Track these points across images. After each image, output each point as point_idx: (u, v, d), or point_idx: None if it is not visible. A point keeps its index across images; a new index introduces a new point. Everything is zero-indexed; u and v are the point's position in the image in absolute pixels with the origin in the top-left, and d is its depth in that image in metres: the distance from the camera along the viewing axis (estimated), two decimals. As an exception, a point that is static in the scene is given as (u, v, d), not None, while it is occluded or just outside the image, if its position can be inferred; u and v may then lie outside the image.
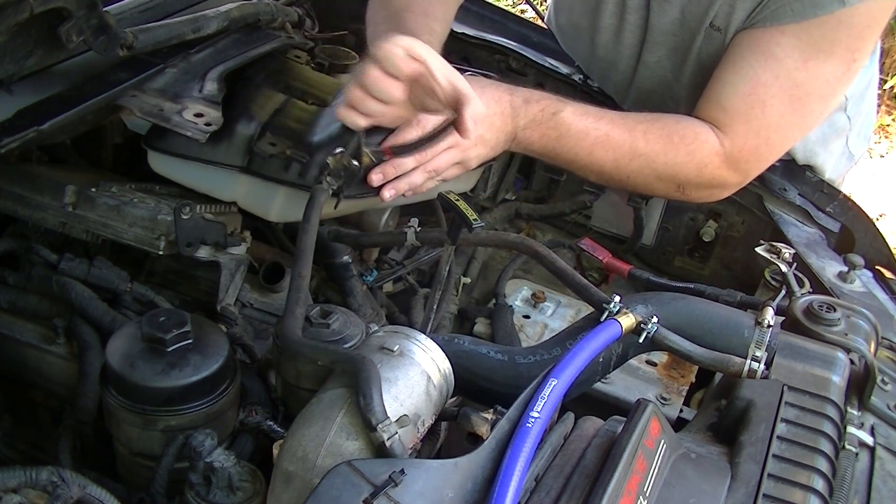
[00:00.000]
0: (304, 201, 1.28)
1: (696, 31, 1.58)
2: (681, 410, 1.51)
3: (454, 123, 1.24)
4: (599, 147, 1.46)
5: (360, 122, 1.27)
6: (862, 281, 1.54)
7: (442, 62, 1.23)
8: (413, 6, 1.52)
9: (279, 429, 1.14)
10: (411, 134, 1.36)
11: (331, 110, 1.37)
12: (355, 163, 1.30)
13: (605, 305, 1.14)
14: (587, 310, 1.26)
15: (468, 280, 1.73)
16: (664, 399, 1.52)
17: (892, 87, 4.84)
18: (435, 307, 1.45)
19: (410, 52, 1.21)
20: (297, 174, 1.35)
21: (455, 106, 1.22)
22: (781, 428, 1.02)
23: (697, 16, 1.56)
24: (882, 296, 1.51)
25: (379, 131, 1.36)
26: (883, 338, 1.31)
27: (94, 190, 1.35)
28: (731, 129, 1.49)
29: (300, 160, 1.34)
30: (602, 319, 1.12)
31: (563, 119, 1.45)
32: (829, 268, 1.57)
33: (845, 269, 1.54)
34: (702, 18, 1.56)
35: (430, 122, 1.34)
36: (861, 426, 1.10)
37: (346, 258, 1.51)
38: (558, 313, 1.71)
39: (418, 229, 1.40)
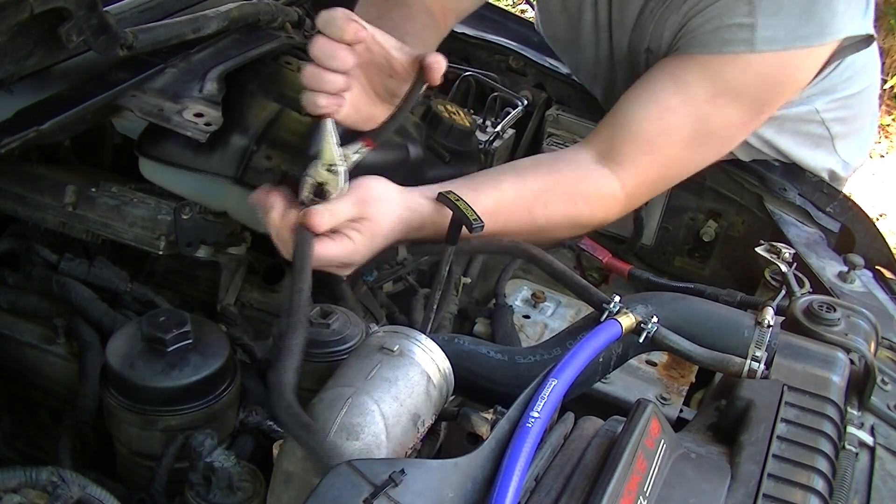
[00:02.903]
0: None
1: (640, 56, 1.62)
2: (681, 410, 1.51)
3: (421, 76, 1.21)
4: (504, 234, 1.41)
5: (322, 101, 1.20)
6: (862, 281, 1.54)
7: (387, 35, 1.22)
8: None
9: (279, 429, 1.14)
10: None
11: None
12: (341, 168, 1.21)
13: (605, 305, 1.14)
14: (587, 310, 1.26)
15: (468, 280, 1.73)
16: (664, 399, 1.52)
17: (892, 87, 4.84)
18: (435, 307, 1.45)
19: (349, 16, 1.18)
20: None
21: (416, 66, 1.21)
22: (781, 428, 1.02)
23: (640, 43, 1.61)
24: (882, 296, 1.51)
25: (358, 137, 1.28)
26: (883, 338, 1.30)
27: (94, 190, 1.35)
28: (634, 162, 1.47)
29: (295, 177, 1.31)
30: (602, 319, 1.12)
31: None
32: (829, 268, 1.57)
33: (845, 269, 1.54)
34: (643, 44, 1.60)
35: None
36: (861, 426, 1.10)
37: None
38: (558, 313, 1.71)
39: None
